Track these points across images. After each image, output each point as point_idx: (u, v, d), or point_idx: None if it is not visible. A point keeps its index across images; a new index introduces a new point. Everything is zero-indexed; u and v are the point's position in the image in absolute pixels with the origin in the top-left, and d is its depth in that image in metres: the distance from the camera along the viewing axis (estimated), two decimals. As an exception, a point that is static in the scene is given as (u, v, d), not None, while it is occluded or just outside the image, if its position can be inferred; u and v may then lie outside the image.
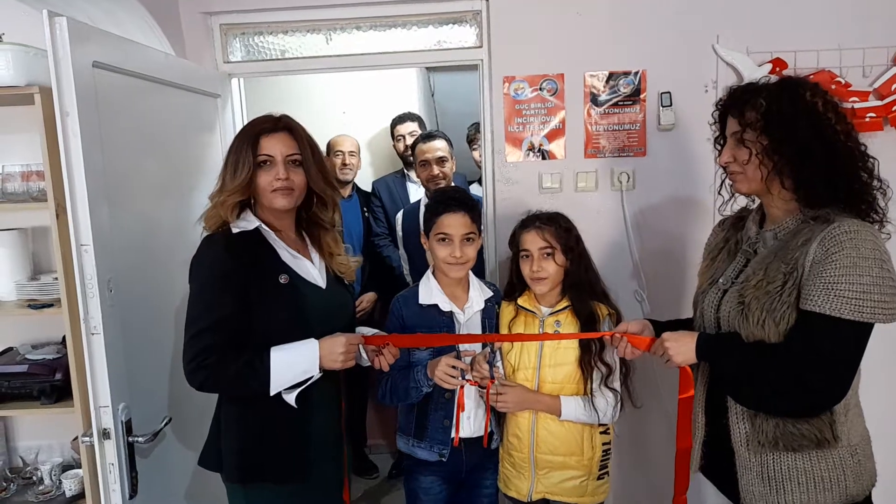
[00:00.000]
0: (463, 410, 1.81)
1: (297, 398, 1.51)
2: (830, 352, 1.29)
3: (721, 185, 1.60)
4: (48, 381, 1.93)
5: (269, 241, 1.57)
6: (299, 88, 3.68)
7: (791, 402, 1.36)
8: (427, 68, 4.17)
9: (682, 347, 1.48)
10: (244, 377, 1.47)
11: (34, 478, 2.08)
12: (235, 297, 1.47)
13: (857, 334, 1.30)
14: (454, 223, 1.80)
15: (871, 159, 1.38)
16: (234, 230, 1.53)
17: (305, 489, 1.58)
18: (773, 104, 1.37)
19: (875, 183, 1.38)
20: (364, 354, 1.66)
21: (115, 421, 1.57)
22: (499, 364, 1.82)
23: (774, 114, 1.37)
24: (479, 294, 1.89)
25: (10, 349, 2.15)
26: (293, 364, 1.49)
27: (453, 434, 1.82)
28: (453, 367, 1.69)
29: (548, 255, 1.79)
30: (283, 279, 1.54)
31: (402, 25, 2.42)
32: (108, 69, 1.62)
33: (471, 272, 1.90)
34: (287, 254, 1.58)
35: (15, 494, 2.05)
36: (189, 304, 1.50)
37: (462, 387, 1.75)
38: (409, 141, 3.36)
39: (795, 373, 1.32)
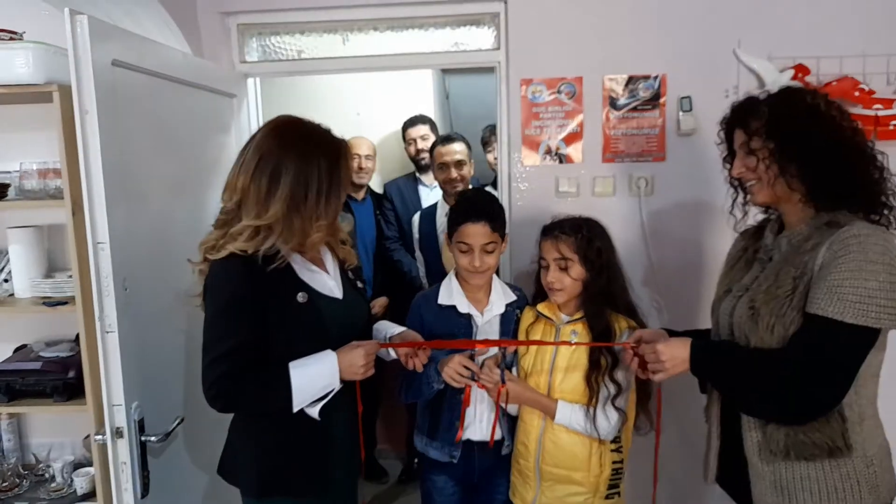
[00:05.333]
0: (468, 406, 1.78)
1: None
2: (830, 356, 1.27)
3: (732, 203, 1.58)
4: (61, 379, 1.93)
5: (288, 259, 1.49)
6: (314, 89, 3.69)
7: (783, 406, 1.34)
8: (442, 70, 4.17)
9: (675, 352, 1.43)
10: (266, 398, 1.45)
11: (46, 475, 2.08)
12: (253, 322, 1.43)
13: (860, 339, 1.27)
14: (475, 233, 1.78)
15: (880, 154, 1.37)
16: (250, 250, 1.43)
17: (323, 497, 1.56)
18: (776, 109, 1.39)
19: (887, 177, 1.36)
20: (391, 352, 1.66)
21: (128, 420, 1.57)
22: (513, 370, 1.80)
23: (778, 117, 1.38)
24: (500, 298, 1.88)
25: (24, 346, 2.16)
26: (314, 381, 1.46)
27: (464, 433, 1.81)
28: (465, 367, 1.68)
29: (562, 267, 1.75)
30: (301, 298, 1.49)
31: (420, 27, 2.42)
32: (128, 68, 1.63)
33: (495, 276, 1.90)
34: (305, 270, 1.54)
35: (27, 491, 2.05)
36: (206, 327, 1.46)
37: (469, 386, 1.73)
38: (421, 144, 3.36)
39: (790, 376, 1.29)
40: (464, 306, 1.84)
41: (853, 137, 1.36)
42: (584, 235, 1.76)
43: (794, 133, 1.36)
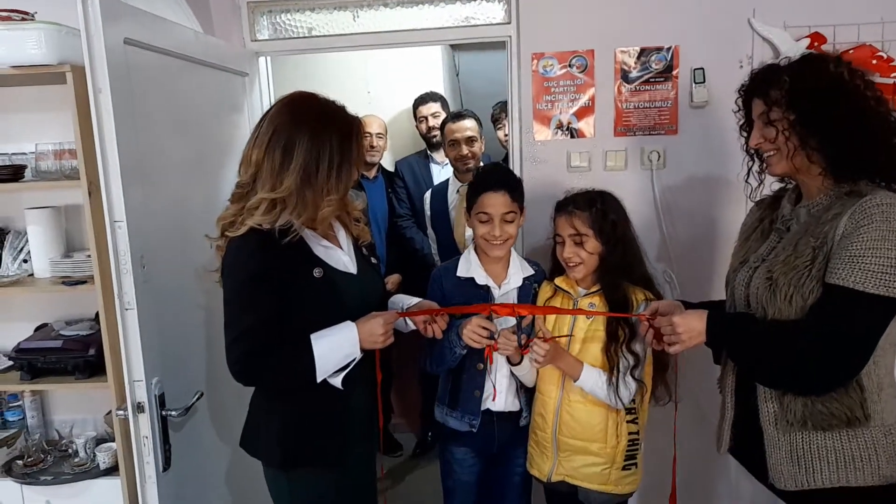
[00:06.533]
0: (492, 363, 1.81)
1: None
2: (850, 326, 1.27)
3: (748, 172, 1.56)
4: (82, 357, 1.96)
5: (301, 234, 1.50)
6: (324, 67, 3.68)
7: (802, 377, 1.34)
8: (452, 47, 4.13)
9: (691, 324, 1.43)
10: (290, 370, 1.48)
11: (69, 451, 2.13)
12: (272, 297, 1.45)
13: (881, 309, 1.27)
14: (494, 202, 1.79)
15: None
16: (265, 226, 1.45)
17: (344, 468, 1.59)
18: (798, 79, 1.36)
19: None
20: (409, 323, 1.68)
21: (148, 394, 1.60)
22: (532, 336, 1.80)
23: (799, 87, 1.35)
24: (517, 272, 1.89)
25: (44, 325, 2.19)
26: (336, 350, 1.49)
27: (483, 403, 1.84)
28: (483, 327, 1.69)
29: (577, 242, 1.75)
30: (317, 273, 1.51)
31: (430, 2, 2.39)
32: (140, 46, 1.63)
33: (513, 250, 1.91)
34: (319, 246, 1.56)
35: (51, 466, 2.10)
36: (226, 305, 1.48)
37: (489, 347, 1.73)
38: (432, 122, 3.35)
39: (809, 347, 1.29)
40: (482, 278, 1.86)
41: (876, 108, 1.33)
42: (598, 209, 1.76)
43: (817, 105, 1.33)
